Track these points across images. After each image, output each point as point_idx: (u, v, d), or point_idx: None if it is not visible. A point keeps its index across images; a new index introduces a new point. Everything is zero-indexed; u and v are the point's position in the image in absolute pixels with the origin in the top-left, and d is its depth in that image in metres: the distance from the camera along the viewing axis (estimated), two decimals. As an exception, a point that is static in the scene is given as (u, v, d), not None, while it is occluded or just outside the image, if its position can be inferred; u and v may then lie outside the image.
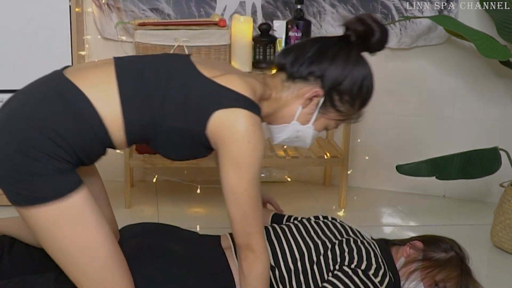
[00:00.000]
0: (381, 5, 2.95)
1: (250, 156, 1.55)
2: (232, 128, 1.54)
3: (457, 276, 1.88)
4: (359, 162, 3.18)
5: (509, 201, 2.52)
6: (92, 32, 2.95)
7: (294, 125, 1.71)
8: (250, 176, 1.56)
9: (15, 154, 1.50)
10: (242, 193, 1.57)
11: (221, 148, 1.56)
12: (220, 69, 1.64)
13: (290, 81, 1.67)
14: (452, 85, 3.04)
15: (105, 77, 1.58)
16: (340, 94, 1.67)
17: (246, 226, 1.59)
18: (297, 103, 1.68)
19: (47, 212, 1.52)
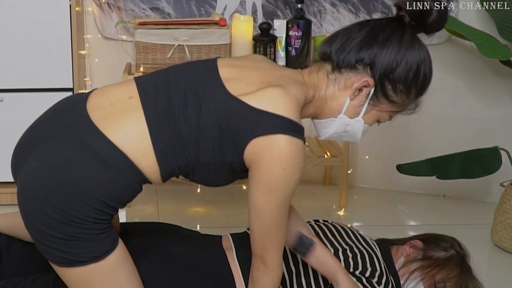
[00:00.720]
0: (382, 4, 2.95)
1: (284, 181, 1.44)
2: (269, 154, 1.43)
3: (457, 275, 1.87)
4: (359, 162, 3.18)
5: (510, 200, 2.52)
6: (92, 31, 2.94)
7: (341, 119, 1.56)
8: (280, 200, 1.46)
9: (53, 220, 1.45)
10: (268, 214, 1.47)
11: (255, 170, 1.46)
12: (254, 81, 1.49)
13: (337, 72, 1.52)
14: (452, 85, 3.04)
15: (137, 124, 1.47)
16: (394, 82, 1.51)
17: (265, 241, 1.51)
18: (344, 95, 1.53)
19: (84, 271, 1.50)
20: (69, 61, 2.65)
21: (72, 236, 1.46)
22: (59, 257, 1.50)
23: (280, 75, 1.54)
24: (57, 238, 1.47)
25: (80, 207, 1.44)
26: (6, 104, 2.66)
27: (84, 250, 1.48)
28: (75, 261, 1.49)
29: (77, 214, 1.45)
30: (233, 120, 1.45)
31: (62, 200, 1.44)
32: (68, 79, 2.66)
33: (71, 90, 2.67)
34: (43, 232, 1.48)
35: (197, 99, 1.48)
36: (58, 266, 1.52)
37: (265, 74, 1.52)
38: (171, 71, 1.58)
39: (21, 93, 2.66)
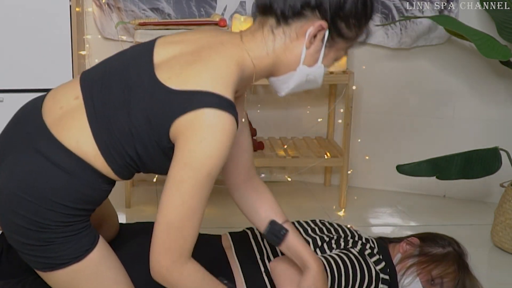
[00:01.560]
0: (382, 5, 2.95)
1: (201, 155, 1.34)
2: (189, 130, 1.35)
3: (454, 271, 1.87)
4: (359, 162, 3.18)
5: (510, 201, 2.52)
6: (93, 31, 2.95)
7: (301, 70, 1.47)
8: (196, 179, 1.36)
9: (26, 230, 1.46)
10: (179, 196, 1.38)
11: (176, 148, 1.38)
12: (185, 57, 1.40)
13: (283, 24, 1.42)
14: (452, 85, 3.04)
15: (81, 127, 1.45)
16: (346, 18, 1.42)
17: (168, 234, 1.43)
18: (299, 45, 1.43)
19: (67, 273, 1.50)
20: (69, 62, 2.65)
21: (48, 242, 1.47)
22: (41, 263, 1.51)
23: (214, 42, 1.44)
24: (34, 246, 1.48)
25: (48, 214, 1.45)
26: (6, 104, 2.66)
27: (63, 252, 1.48)
28: (57, 264, 1.49)
29: (46, 221, 1.45)
30: (157, 107, 1.38)
31: (28, 210, 1.45)
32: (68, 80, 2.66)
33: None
34: (20, 241, 1.49)
35: (127, 92, 1.43)
36: (42, 271, 1.53)
37: (199, 44, 1.43)
38: (113, 61, 1.53)
39: (21, 93, 2.66)
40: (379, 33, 2.98)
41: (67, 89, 1.55)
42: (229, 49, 1.43)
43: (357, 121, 3.10)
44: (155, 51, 1.47)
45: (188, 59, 1.40)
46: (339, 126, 3.14)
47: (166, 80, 1.39)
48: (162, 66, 1.42)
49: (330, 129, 3.15)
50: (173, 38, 1.51)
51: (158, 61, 1.44)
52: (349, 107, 2.83)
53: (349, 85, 2.80)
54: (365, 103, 3.12)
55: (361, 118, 3.13)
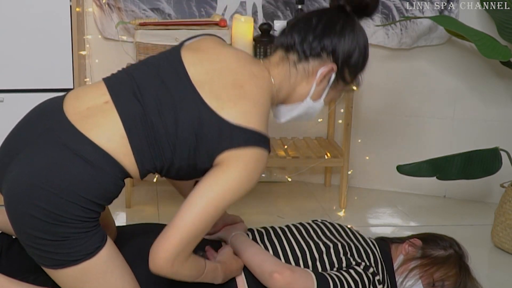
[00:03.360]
0: (382, 5, 2.95)
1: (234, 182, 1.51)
2: (236, 162, 1.52)
3: (456, 274, 1.88)
4: (359, 162, 3.18)
5: (510, 201, 2.52)
6: (93, 32, 2.95)
7: (307, 102, 1.67)
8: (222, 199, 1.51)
9: (43, 222, 1.47)
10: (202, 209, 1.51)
11: (218, 169, 1.53)
12: (226, 83, 1.55)
13: (303, 61, 1.63)
14: (452, 85, 3.04)
15: (115, 128, 1.52)
16: (351, 66, 1.65)
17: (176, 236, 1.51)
18: (311, 81, 1.64)
19: (76, 271, 1.51)
20: (70, 62, 2.65)
21: (62, 237, 1.48)
22: (52, 259, 1.51)
23: (249, 74, 1.60)
24: (47, 240, 1.48)
25: (68, 206, 1.46)
26: (6, 104, 2.66)
27: (76, 249, 1.49)
28: (68, 261, 1.50)
29: (65, 214, 1.47)
30: (208, 132, 1.52)
31: (48, 201, 1.46)
32: (69, 80, 2.66)
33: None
34: (33, 235, 1.49)
35: (173, 107, 1.53)
36: (52, 268, 1.53)
37: (236, 74, 1.58)
38: (138, 71, 1.61)
39: (21, 93, 2.66)
40: (379, 33, 2.98)
41: (92, 92, 1.60)
42: (265, 83, 1.61)
43: (357, 121, 3.10)
44: (189, 68, 1.58)
45: (234, 92, 1.55)
46: (339, 126, 3.14)
47: (219, 109, 1.52)
48: (206, 88, 1.54)
49: (331, 129, 3.15)
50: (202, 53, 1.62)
51: (196, 79, 1.56)
52: (350, 108, 2.84)
53: (349, 85, 2.80)
54: (366, 103, 3.12)
55: (361, 118, 3.13)
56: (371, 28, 2.97)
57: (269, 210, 2.85)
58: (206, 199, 1.50)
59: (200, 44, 1.66)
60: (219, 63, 1.59)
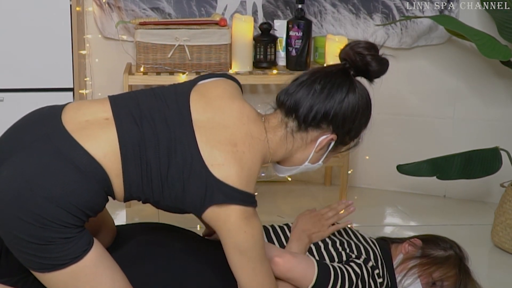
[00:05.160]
0: (382, 4, 2.95)
1: (249, 242, 1.56)
2: (225, 224, 1.54)
3: (455, 275, 1.88)
4: (359, 162, 3.18)
5: (510, 201, 2.52)
6: (93, 31, 2.94)
7: (305, 166, 1.70)
8: (256, 257, 1.58)
9: (30, 226, 1.47)
10: (255, 275, 1.59)
11: (220, 234, 1.58)
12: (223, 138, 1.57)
13: (302, 131, 1.63)
14: (452, 85, 3.04)
15: (112, 147, 1.53)
16: (352, 132, 1.67)
17: None
18: (309, 148, 1.66)
19: (64, 274, 1.52)
20: (70, 61, 2.65)
21: (48, 241, 1.48)
22: (39, 263, 1.51)
23: (246, 133, 1.60)
24: (34, 244, 1.48)
25: (56, 212, 1.47)
26: (6, 104, 2.66)
27: (62, 253, 1.50)
28: (55, 265, 1.50)
29: (52, 219, 1.47)
30: (194, 182, 1.53)
31: (37, 205, 1.46)
32: (69, 79, 2.66)
33: (71, 90, 2.67)
34: (20, 238, 1.49)
35: (169, 150, 1.54)
36: (40, 272, 1.53)
37: (233, 133, 1.58)
38: (145, 100, 1.62)
39: (21, 93, 2.66)
40: (379, 33, 2.98)
41: (95, 106, 1.60)
42: (259, 146, 1.61)
43: (357, 121, 3.10)
44: (193, 111, 1.59)
45: (227, 149, 1.55)
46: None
47: (209, 163, 1.53)
48: (203, 137, 1.55)
49: (330, 129, 3.15)
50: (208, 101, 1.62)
51: (197, 125, 1.57)
52: (350, 107, 2.83)
53: (349, 85, 2.80)
54: (366, 103, 3.11)
55: (361, 118, 3.12)
56: (371, 28, 2.97)
57: (269, 209, 2.85)
58: (248, 274, 1.59)
59: (210, 90, 1.66)
60: (220, 116, 1.60)
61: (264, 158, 1.64)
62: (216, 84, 1.67)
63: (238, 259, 1.58)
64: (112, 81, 2.93)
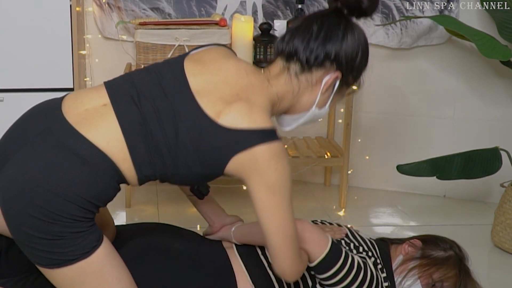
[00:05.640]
0: (382, 4, 2.95)
1: (282, 178, 1.52)
2: (254, 169, 1.50)
3: (455, 275, 1.88)
4: (359, 162, 3.18)
5: (510, 201, 2.52)
6: (93, 31, 2.95)
7: (313, 111, 1.66)
8: (287, 198, 1.54)
9: (39, 221, 1.46)
10: (283, 217, 1.55)
11: (250, 183, 1.53)
12: (223, 94, 1.54)
13: (306, 72, 1.60)
14: (452, 85, 3.04)
15: (113, 132, 1.51)
16: (354, 71, 1.64)
17: (286, 250, 1.57)
18: (316, 90, 1.63)
19: (72, 270, 1.51)
20: (70, 61, 2.65)
21: (57, 236, 1.47)
22: (47, 259, 1.50)
23: (247, 84, 1.58)
24: (43, 239, 1.48)
25: (64, 205, 1.46)
26: (6, 104, 2.66)
27: (72, 248, 1.49)
28: (64, 260, 1.50)
29: (61, 212, 1.46)
30: (210, 141, 1.51)
31: (45, 200, 1.46)
32: (69, 79, 2.67)
33: (71, 90, 2.67)
34: (28, 234, 1.49)
35: (173, 118, 1.52)
36: (48, 268, 1.52)
37: (233, 86, 1.57)
38: (140, 78, 1.61)
39: (21, 93, 2.66)
40: (379, 33, 2.98)
41: (91, 94, 1.59)
42: (262, 91, 1.59)
43: (357, 121, 3.10)
44: (189, 77, 1.57)
45: (230, 99, 1.53)
46: (339, 126, 3.14)
47: (216, 117, 1.51)
48: (204, 99, 1.53)
49: (330, 129, 3.15)
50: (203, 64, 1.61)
51: (196, 90, 1.55)
52: (349, 107, 2.84)
53: (349, 85, 2.80)
54: (365, 103, 3.12)
55: (361, 118, 3.13)
56: (371, 28, 2.97)
57: (269, 209, 2.85)
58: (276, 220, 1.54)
59: (203, 55, 1.65)
60: (218, 75, 1.58)
61: (272, 102, 1.60)
62: (208, 51, 1.66)
63: (270, 203, 1.52)
64: (112, 81, 2.93)
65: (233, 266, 1.82)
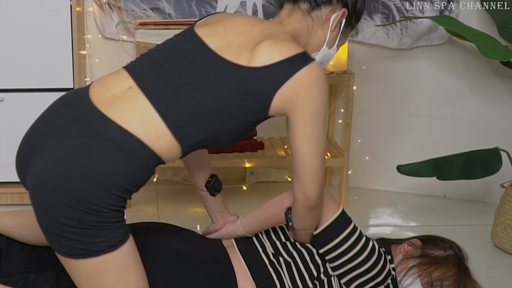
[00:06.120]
0: (382, 5, 2.95)
1: (323, 103, 1.57)
2: (299, 93, 1.54)
3: (455, 275, 1.88)
4: (359, 162, 3.18)
5: (510, 201, 2.52)
6: (93, 31, 2.95)
7: (324, 50, 1.72)
8: (323, 123, 1.60)
9: (72, 209, 1.46)
10: (319, 141, 1.60)
11: (295, 111, 1.56)
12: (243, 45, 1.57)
13: (316, 9, 1.67)
14: (452, 85, 3.04)
15: (145, 111, 1.52)
16: (356, 10, 1.71)
17: (312, 176, 1.62)
18: (325, 28, 1.69)
19: (96, 262, 1.50)
20: (70, 61, 2.65)
21: (89, 225, 1.47)
22: (74, 248, 1.49)
23: (262, 29, 1.62)
24: (74, 228, 1.47)
25: (100, 193, 1.46)
26: (6, 104, 2.66)
27: (100, 239, 1.48)
28: (91, 251, 1.49)
29: (97, 201, 1.46)
30: (249, 87, 1.53)
31: (81, 188, 1.46)
32: (69, 79, 2.67)
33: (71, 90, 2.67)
34: (60, 222, 1.47)
35: (203, 79, 1.54)
36: (72, 258, 1.51)
37: (249, 34, 1.60)
38: (158, 53, 1.64)
39: (21, 93, 2.67)
40: (379, 33, 2.98)
41: (115, 79, 1.61)
42: (279, 30, 1.65)
43: (357, 121, 3.10)
44: (205, 39, 1.60)
45: (252, 46, 1.57)
46: (339, 126, 3.14)
47: (247, 63, 1.54)
48: (227, 52, 1.56)
49: (330, 129, 3.15)
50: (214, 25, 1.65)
51: (215, 46, 1.58)
52: (350, 107, 2.84)
53: (349, 85, 2.80)
54: (365, 103, 3.12)
55: (361, 118, 3.13)
56: (371, 28, 2.97)
57: (269, 210, 2.85)
58: (315, 142, 1.59)
59: (210, 20, 1.69)
60: (231, 30, 1.61)
61: (292, 38, 1.65)
62: (213, 16, 1.72)
63: (313, 128, 1.57)
64: (112, 81, 2.94)
65: (234, 264, 1.82)
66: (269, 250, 1.87)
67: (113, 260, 1.51)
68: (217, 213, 1.97)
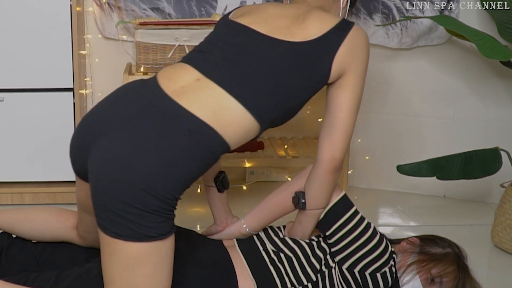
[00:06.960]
0: (382, 5, 2.95)
1: (367, 62, 1.75)
2: (353, 53, 1.70)
3: (454, 271, 1.88)
4: (359, 162, 3.18)
5: (510, 201, 2.52)
6: (93, 31, 2.95)
7: None
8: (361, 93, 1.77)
9: (141, 191, 1.46)
10: (360, 100, 1.77)
11: (348, 73, 1.71)
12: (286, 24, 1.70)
13: None
14: (453, 85, 3.04)
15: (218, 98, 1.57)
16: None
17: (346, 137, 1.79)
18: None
19: (144, 248, 1.49)
20: (70, 61, 2.65)
21: (152, 210, 1.47)
22: (129, 229, 1.47)
23: (293, 9, 1.77)
24: (138, 209, 1.46)
25: (169, 182, 1.48)
26: (6, 104, 2.66)
27: (155, 225, 1.48)
28: (143, 235, 1.47)
29: (166, 188, 1.47)
30: (310, 58, 1.67)
31: (155, 174, 1.46)
32: (69, 79, 2.67)
33: (71, 90, 2.68)
34: (126, 203, 1.46)
35: (265, 60, 1.64)
36: (121, 239, 1.48)
37: (286, 15, 1.74)
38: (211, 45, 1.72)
39: (21, 93, 2.67)
40: (379, 33, 2.98)
41: (181, 72, 1.64)
42: (309, 6, 1.81)
43: (357, 121, 3.09)
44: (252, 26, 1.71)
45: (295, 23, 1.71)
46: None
47: (302, 38, 1.67)
48: (278, 34, 1.68)
49: (330, 129, 3.15)
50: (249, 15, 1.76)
51: (265, 30, 1.69)
52: (350, 107, 2.83)
53: (349, 85, 2.80)
54: (365, 103, 3.12)
55: (361, 118, 3.13)
56: (371, 28, 2.97)
57: (269, 210, 2.85)
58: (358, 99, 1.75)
59: (241, 11, 1.80)
60: (270, 16, 1.73)
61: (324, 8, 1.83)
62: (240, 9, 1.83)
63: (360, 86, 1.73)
64: (112, 81, 2.93)
65: (234, 263, 1.82)
66: (270, 248, 1.87)
67: (158, 249, 1.50)
68: (222, 213, 1.97)
